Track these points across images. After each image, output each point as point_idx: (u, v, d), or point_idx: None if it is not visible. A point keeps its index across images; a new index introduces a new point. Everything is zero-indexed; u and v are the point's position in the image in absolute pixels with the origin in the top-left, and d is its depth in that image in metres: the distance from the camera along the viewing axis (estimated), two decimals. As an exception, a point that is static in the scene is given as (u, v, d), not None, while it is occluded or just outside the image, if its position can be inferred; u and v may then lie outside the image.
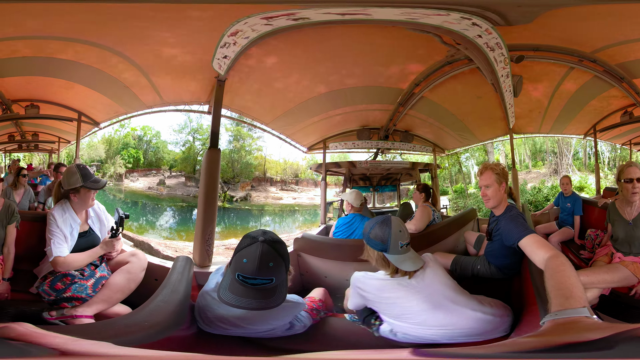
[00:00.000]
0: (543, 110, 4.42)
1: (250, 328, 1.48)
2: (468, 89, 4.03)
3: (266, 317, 1.49)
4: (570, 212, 3.54)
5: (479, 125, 4.81)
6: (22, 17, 2.34)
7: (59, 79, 2.98)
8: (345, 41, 2.94)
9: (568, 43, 3.07)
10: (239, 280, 1.33)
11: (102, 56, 2.66)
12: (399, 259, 1.52)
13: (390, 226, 1.55)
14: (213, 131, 2.33)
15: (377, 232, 1.56)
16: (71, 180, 1.88)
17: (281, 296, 1.37)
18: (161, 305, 1.39)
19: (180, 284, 1.60)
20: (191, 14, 2.21)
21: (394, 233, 1.54)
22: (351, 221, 3.10)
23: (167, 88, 3.12)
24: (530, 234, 1.68)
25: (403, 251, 1.55)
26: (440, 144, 5.01)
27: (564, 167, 5.95)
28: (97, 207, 2.06)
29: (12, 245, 2.02)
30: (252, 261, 1.31)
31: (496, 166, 2.12)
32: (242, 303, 1.32)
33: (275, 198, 6.67)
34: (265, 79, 3.22)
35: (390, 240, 1.53)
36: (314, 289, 2.17)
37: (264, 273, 1.32)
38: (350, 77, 3.56)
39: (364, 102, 4.22)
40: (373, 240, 1.56)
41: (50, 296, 1.78)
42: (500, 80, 3.36)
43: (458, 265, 2.49)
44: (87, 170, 1.93)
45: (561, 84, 3.87)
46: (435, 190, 5.14)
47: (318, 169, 5.07)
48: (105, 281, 1.85)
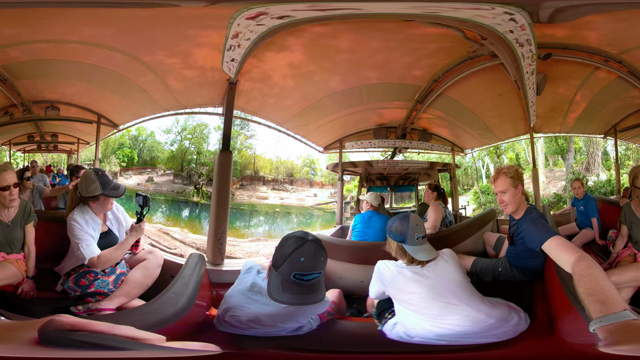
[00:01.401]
0: (565, 110, 4.45)
1: (281, 326, 1.63)
2: (489, 86, 4.08)
3: (295, 315, 1.62)
4: (585, 214, 3.55)
5: (498, 124, 4.82)
6: (48, 22, 2.52)
7: (79, 82, 3.17)
8: (360, 36, 3.01)
9: (597, 43, 3.08)
10: (294, 280, 1.55)
11: (121, 61, 2.81)
12: (415, 249, 1.78)
13: (408, 220, 1.83)
14: (225, 134, 2.44)
15: (397, 225, 1.83)
16: (90, 188, 1.99)
17: (323, 290, 1.67)
18: (172, 297, 1.53)
19: (191, 278, 1.73)
20: (199, 19, 2.33)
21: (412, 227, 1.81)
22: (370, 216, 3.36)
23: (182, 91, 3.25)
24: (553, 237, 1.70)
25: (419, 243, 1.80)
26: (458, 144, 5.02)
27: (595, 165, 5.81)
28: (116, 208, 2.18)
29: (32, 244, 2.13)
30: (309, 258, 1.55)
31: (509, 169, 2.14)
32: (299, 300, 1.56)
33: (259, 198, 6.78)
34: (278, 79, 3.30)
35: (407, 233, 1.79)
36: (329, 290, 2.23)
37: (319, 267, 1.59)
38: (366, 73, 3.62)
39: (381, 100, 4.29)
40: (393, 232, 1.84)
41: (76, 292, 1.91)
42: (525, 77, 3.39)
43: (478, 267, 2.53)
44: (105, 177, 2.04)
45: (584, 84, 3.93)
46: (453, 191, 5.18)
47: (334, 169, 5.18)
48: (125, 277, 1.98)
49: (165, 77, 3.02)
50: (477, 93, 4.24)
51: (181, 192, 6.28)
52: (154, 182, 6.36)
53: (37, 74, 3.17)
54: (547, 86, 3.84)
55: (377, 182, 5.40)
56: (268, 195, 6.80)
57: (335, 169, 5.08)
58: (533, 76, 3.46)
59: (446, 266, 1.75)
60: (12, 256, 2.06)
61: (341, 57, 3.26)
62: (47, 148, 4.46)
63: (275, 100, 3.66)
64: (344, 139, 4.84)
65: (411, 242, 1.78)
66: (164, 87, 3.12)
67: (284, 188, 7.03)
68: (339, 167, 4.95)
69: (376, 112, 4.53)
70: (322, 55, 3.18)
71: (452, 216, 3.49)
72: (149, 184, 6.36)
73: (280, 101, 3.70)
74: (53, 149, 4.50)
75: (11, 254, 2.06)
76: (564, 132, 4.82)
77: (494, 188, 2.21)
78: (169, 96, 3.29)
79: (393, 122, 4.72)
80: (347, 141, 4.88)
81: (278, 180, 7.08)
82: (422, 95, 4.15)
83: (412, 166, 5.09)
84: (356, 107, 4.30)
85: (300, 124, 4.20)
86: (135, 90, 3.17)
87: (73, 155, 4.59)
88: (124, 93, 3.31)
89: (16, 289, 2.03)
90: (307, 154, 7.35)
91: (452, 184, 5.16)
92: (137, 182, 6.46)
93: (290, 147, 5.24)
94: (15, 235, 2.07)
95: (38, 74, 3.16)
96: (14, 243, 2.07)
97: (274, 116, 3.98)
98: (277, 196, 6.83)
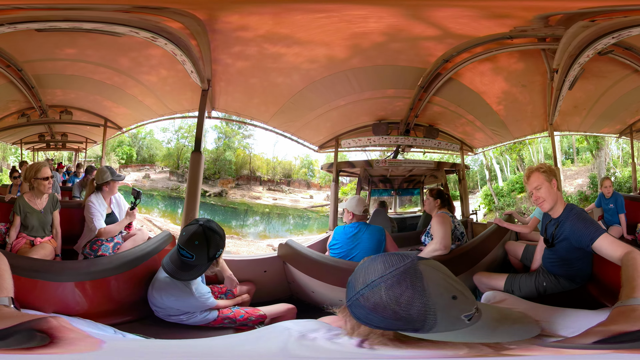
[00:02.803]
0: (588, 108, 5.25)
1: (165, 300, 2.84)
2: (512, 73, 4.69)
3: (171, 292, 2.84)
4: (614, 212, 4.65)
5: (516, 119, 5.56)
6: (67, 44, 4.32)
7: (90, 93, 5.13)
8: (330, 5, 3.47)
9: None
10: (177, 250, 2.74)
11: (120, 78, 4.70)
12: (470, 332, 1.27)
13: (424, 287, 1.25)
14: (197, 137, 4.06)
15: (386, 299, 1.24)
16: (103, 176, 3.80)
17: (191, 276, 2.75)
18: (119, 256, 3.13)
19: (148, 247, 3.32)
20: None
21: (442, 306, 1.25)
22: (355, 232, 3.46)
23: (171, 100, 5.09)
24: (603, 234, 2.15)
25: (474, 321, 1.31)
26: (467, 142, 5.93)
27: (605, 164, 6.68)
28: (117, 196, 3.98)
29: (58, 227, 3.82)
30: (186, 235, 2.70)
31: (542, 166, 2.64)
32: (167, 267, 2.75)
33: (252, 197, 8.43)
34: (246, 76, 4.47)
35: (433, 319, 1.24)
36: (280, 304, 3.18)
37: (189, 247, 2.68)
38: (346, 54, 4.12)
39: (374, 88, 4.87)
40: (369, 313, 1.27)
41: (91, 255, 3.67)
42: (572, 68, 4.08)
43: (515, 287, 2.83)
44: (113, 169, 3.87)
45: (616, 84, 4.74)
46: (463, 195, 5.97)
47: (330, 169, 6.05)
48: (119, 246, 3.73)
49: (154, 89, 4.90)
50: (496, 81, 4.82)
51: (175, 188, 8.33)
52: (150, 179, 8.46)
53: (58, 84, 5.12)
54: (578, 82, 4.50)
55: (379, 185, 6.44)
56: (262, 195, 8.54)
57: (331, 170, 5.98)
58: (579, 68, 4.12)
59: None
60: (45, 239, 3.72)
61: (314, 37, 3.83)
62: (55, 146, 6.40)
63: (249, 98, 5.02)
64: (339, 136, 5.82)
65: (451, 325, 1.26)
66: (155, 97, 5.02)
67: (280, 189, 8.72)
68: (333, 167, 5.85)
69: (372, 103, 5.23)
70: (289, 41, 3.88)
71: (462, 226, 3.74)
72: (146, 180, 8.46)
73: (254, 98, 5.03)
74: (62, 147, 6.46)
75: (44, 237, 3.71)
76: (582, 131, 5.72)
77: (528, 187, 2.66)
78: (160, 104, 5.18)
79: (394, 116, 5.49)
80: (343, 139, 5.83)
81: (275, 180, 8.80)
82: (427, 79, 4.60)
83: (416, 167, 5.92)
84: (344, 98, 5.00)
85: (285, 121, 5.45)
86: (132, 100, 5.15)
87: (80, 152, 6.60)
88: (124, 102, 5.28)
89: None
90: (305, 155, 9.03)
91: (462, 187, 6.03)
92: (135, 179, 8.55)
93: (288, 148, 6.78)
94: (46, 220, 3.73)
95: (59, 84, 5.12)
96: (46, 226, 3.73)
97: (257, 115, 5.40)
98: (270, 196, 8.54)
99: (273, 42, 3.94)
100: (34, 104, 5.43)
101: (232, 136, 8.59)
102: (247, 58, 4.23)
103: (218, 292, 3.35)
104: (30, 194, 3.65)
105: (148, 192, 8.06)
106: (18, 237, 3.61)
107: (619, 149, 6.48)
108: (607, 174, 6.49)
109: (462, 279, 3.30)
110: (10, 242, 3.57)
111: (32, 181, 3.58)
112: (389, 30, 3.81)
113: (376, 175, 6.26)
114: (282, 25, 3.69)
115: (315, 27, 3.81)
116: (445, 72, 4.53)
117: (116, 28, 3.42)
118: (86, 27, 3.42)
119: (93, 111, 5.50)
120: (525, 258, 3.46)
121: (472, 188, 7.79)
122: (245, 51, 4.05)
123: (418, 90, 4.81)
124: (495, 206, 7.26)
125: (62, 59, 4.58)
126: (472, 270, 3.32)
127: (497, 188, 7.45)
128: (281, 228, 8.48)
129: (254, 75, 4.57)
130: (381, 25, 3.73)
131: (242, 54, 4.11)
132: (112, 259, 3.16)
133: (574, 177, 6.94)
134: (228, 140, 8.53)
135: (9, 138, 6.03)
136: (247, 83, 4.69)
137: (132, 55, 4.41)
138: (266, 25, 3.67)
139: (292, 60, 4.25)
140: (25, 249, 3.54)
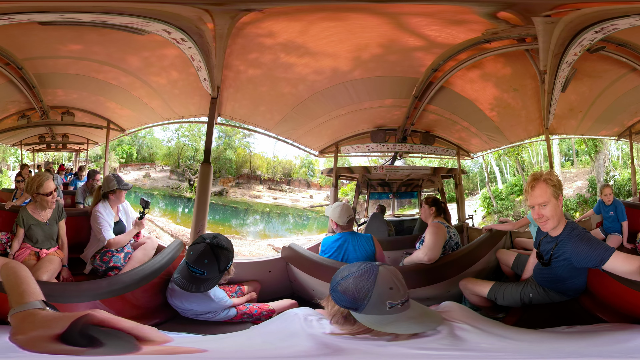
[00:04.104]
0: (585, 110, 5.16)
1: (186, 305, 2.94)
2: (501, 78, 4.64)
3: (190, 299, 2.93)
4: (614, 220, 4.54)
5: (510, 124, 5.55)
6: (68, 39, 4.01)
7: (92, 94, 4.95)
8: (334, 22, 3.52)
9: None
10: (187, 266, 2.76)
11: (127, 79, 4.51)
12: (384, 319, 1.60)
13: (375, 280, 1.63)
14: (206, 147, 3.93)
15: (351, 286, 1.67)
16: (110, 185, 3.64)
17: (205, 288, 2.79)
18: (137, 271, 3.05)
19: (163, 258, 3.26)
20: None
21: (380, 293, 1.62)
22: (340, 241, 3.39)
23: (178, 104, 4.90)
24: (613, 253, 2.04)
25: (393, 311, 1.62)
26: (464, 147, 5.96)
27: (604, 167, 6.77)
28: (125, 204, 3.83)
29: (64, 237, 3.64)
30: (195, 254, 2.73)
31: (550, 175, 2.22)
32: (179, 282, 2.80)
33: (252, 196, 8.38)
34: (255, 86, 4.43)
35: (368, 300, 1.61)
36: (284, 300, 3.43)
37: (199, 265, 2.72)
38: (348, 66, 4.18)
39: (372, 98, 4.90)
40: (340, 294, 1.68)
41: (102, 267, 3.53)
42: (560, 68, 3.78)
43: (499, 295, 2.72)
44: (119, 177, 3.70)
45: (613, 84, 4.64)
46: (459, 199, 5.95)
47: (329, 174, 6.10)
48: (130, 255, 3.62)
49: (162, 92, 4.70)
50: (486, 87, 4.81)
51: (175, 187, 8.21)
52: (150, 178, 8.31)
53: (59, 84, 4.88)
54: (571, 83, 4.38)
55: (378, 188, 6.47)
56: (262, 194, 8.47)
57: (330, 174, 6.02)
58: (569, 68, 3.86)
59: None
60: (51, 250, 3.52)
61: (318, 51, 3.88)
62: (56, 147, 6.21)
63: (256, 107, 4.98)
64: (339, 142, 5.90)
65: (375, 310, 1.61)
66: (162, 100, 4.81)
67: (280, 188, 8.66)
68: (333, 172, 5.91)
69: (370, 112, 5.28)
70: (296, 54, 3.90)
71: (457, 236, 3.67)
72: (146, 179, 8.31)
73: (260, 106, 4.98)
74: (62, 148, 6.27)
75: (50, 248, 3.51)
76: (579, 135, 5.69)
77: (529, 199, 2.25)
78: (167, 107, 4.99)
79: (392, 124, 5.51)
80: (343, 145, 5.91)
81: (275, 179, 8.73)
82: (420, 89, 4.59)
83: (413, 172, 6.01)
84: (345, 108, 5.05)
85: (287, 128, 5.46)
86: (137, 102, 4.91)
87: (81, 153, 6.42)
88: (129, 104, 5.05)
89: (58, 277, 3.43)
90: (305, 155, 8.86)
91: (458, 192, 6.03)
92: (135, 178, 8.37)
93: (289, 148, 6.76)
94: (52, 231, 3.53)
95: (60, 84, 4.88)
96: (53, 238, 3.53)
97: (261, 123, 5.36)
98: (271, 195, 8.48)
99: (288, 51, 3.94)
100: (34, 105, 5.25)
101: (233, 135, 8.50)
102: (260, 66, 4.20)
103: (229, 291, 3.45)
104: (33, 206, 3.44)
105: (148, 191, 7.92)
106: (21, 248, 3.40)
107: (619, 150, 6.57)
108: (606, 178, 6.54)
109: (448, 284, 3.36)
110: (13, 253, 3.36)
111: (35, 196, 3.36)
112: (385, 41, 3.86)
113: (374, 179, 6.27)
114: (303, 34, 3.68)
115: (323, 38, 3.84)
116: (436, 81, 4.53)
117: (147, 25, 3.11)
118: (112, 21, 3.11)
119: (96, 112, 5.32)
120: (516, 267, 3.34)
121: (472, 190, 7.80)
122: (260, 58, 4.01)
123: (413, 100, 4.82)
124: (493, 209, 7.25)
125: (65, 56, 4.33)
126: (462, 275, 3.32)
127: (496, 191, 7.45)
128: (281, 227, 8.45)
129: (264, 83, 4.54)
130: (374, 35, 3.77)
131: (256, 61, 4.06)
132: (131, 276, 3.04)
133: (574, 179, 7.01)
134: (229, 139, 8.44)
135: (8, 140, 5.81)
136: (257, 91, 4.64)
137: (145, 54, 4.20)
138: (289, 33, 3.65)
139: (300, 71, 4.28)
140: (30, 261, 3.36)
